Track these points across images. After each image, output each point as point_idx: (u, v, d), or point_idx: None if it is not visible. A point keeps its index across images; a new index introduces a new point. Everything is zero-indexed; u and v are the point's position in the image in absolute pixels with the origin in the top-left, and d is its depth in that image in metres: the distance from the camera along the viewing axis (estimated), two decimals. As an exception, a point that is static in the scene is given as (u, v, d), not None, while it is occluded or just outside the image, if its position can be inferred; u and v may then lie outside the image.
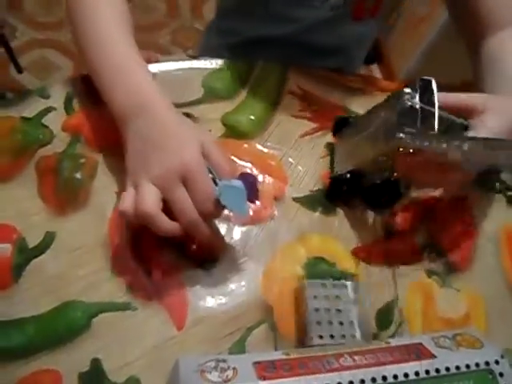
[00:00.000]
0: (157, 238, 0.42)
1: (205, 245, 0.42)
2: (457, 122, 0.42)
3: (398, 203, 0.46)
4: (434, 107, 0.39)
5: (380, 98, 0.44)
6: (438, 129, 0.38)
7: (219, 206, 0.38)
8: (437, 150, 0.37)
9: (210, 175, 0.38)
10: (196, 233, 0.38)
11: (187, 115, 0.52)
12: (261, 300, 0.42)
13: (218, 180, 0.38)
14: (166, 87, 0.52)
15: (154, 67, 0.55)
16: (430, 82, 0.39)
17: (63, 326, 0.38)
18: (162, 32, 1.79)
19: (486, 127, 0.41)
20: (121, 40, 0.43)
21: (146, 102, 0.40)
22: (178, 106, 0.51)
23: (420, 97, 0.39)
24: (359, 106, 0.57)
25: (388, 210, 0.51)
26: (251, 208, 0.46)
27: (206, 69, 0.56)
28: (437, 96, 0.39)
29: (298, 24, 0.64)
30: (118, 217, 0.43)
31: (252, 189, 0.40)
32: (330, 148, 0.53)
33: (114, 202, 0.44)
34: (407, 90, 0.39)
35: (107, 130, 0.48)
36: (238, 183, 0.38)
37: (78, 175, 0.45)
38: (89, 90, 0.50)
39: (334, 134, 0.53)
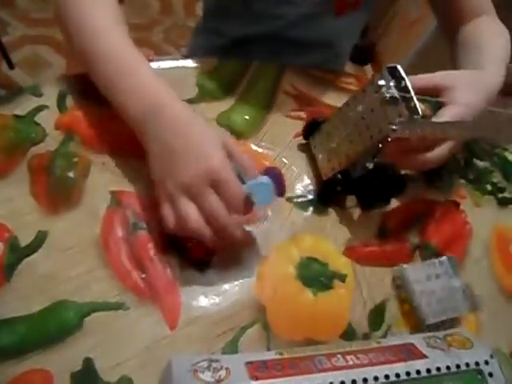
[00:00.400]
0: (150, 237, 0.42)
1: (230, 245, 0.42)
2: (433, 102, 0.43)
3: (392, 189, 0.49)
4: (410, 93, 0.40)
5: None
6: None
7: (249, 205, 0.39)
8: (426, 133, 0.39)
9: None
10: (229, 236, 0.38)
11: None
12: (254, 300, 0.42)
13: (244, 178, 0.38)
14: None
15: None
16: (397, 68, 0.40)
17: (55, 326, 0.37)
18: (155, 30, 1.79)
19: (458, 103, 0.43)
20: (119, 39, 0.43)
21: (160, 104, 0.40)
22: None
23: (395, 85, 0.40)
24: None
25: (383, 204, 0.52)
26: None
27: (200, 68, 0.56)
28: (408, 81, 0.40)
29: (281, 21, 0.65)
30: (111, 216, 0.43)
31: (279, 182, 0.42)
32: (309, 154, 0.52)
33: (107, 201, 0.43)
34: (381, 83, 0.39)
35: (101, 129, 0.48)
36: (266, 179, 0.39)
37: (71, 174, 0.44)
38: (82, 88, 0.50)
39: (306, 139, 0.52)
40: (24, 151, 0.45)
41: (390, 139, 0.40)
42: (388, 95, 0.39)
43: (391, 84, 0.40)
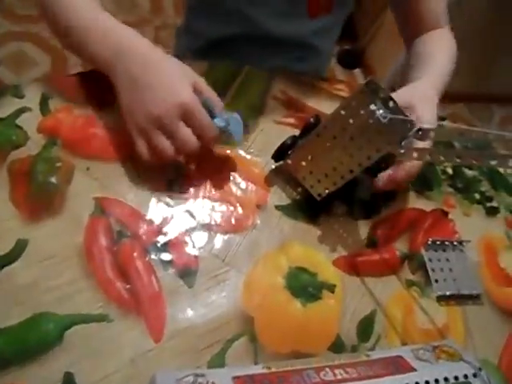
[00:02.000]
0: (135, 246, 0.41)
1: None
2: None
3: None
4: (400, 112, 0.39)
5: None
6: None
7: (220, 135, 0.44)
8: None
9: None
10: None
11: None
12: (241, 311, 0.41)
13: (216, 113, 0.43)
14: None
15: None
16: (377, 85, 0.39)
17: (34, 339, 0.36)
18: (145, 29, 1.76)
19: (422, 121, 0.44)
20: (91, 7, 0.45)
21: (127, 43, 0.42)
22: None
23: (385, 107, 0.39)
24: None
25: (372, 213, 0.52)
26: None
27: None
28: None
29: (255, 21, 0.64)
30: (94, 224, 0.41)
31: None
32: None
33: (90, 208, 0.42)
34: (373, 107, 0.39)
35: (85, 133, 0.47)
36: (236, 114, 0.45)
37: (53, 180, 0.43)
38: (66, 91, 0.49)
39: (278, 161, 0.50)
40: (4, 155, 0.43)
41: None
42: (384, 120, 0.38)
43: (378, 103, 0.39)
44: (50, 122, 0.46)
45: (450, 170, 0.60)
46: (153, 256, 0.41)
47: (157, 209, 0.44)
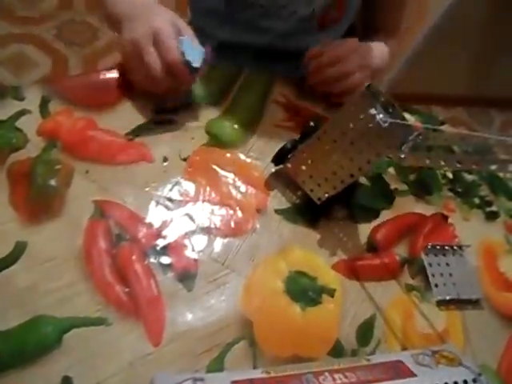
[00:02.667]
0: (135, 250, 0.41)
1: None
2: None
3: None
4: (400, 116, 0.40)
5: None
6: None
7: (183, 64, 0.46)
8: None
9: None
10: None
11: (169, 121, 0.51)
12: (240, 315, 0.41)
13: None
14: (148, 92, 0.51)
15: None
16: (377, 89, 0.39)
17: (33, 342, 0.36)
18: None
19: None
20: None
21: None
22: (159, 111, 0.51)
23: (385, 112, 0.39)
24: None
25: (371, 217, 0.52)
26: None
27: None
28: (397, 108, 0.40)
29: (267, 33, 0.65)
30: (93, 227, 0.41)
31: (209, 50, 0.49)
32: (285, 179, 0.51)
33: (90, 211, 0.42)
34: (373, 112, 0.39)
35: (85, 136, 0.47)
36: (188, 39, 0.48)
37: (53, 182, 0.43)
38: (66, 94, 0.49)
39: (278, 164, 0.50)
40: (3, 157, 0.43)
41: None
42: (385, 125, 0.38)
43: (378, 108, 0.39)
44: (50, 124, 0.46)
45: (450, 175, 0.60)
46: (152, 259, 0.41)
47: (156, 212, 0.44)
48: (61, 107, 0.48)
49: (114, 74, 0.52)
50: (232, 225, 0.46)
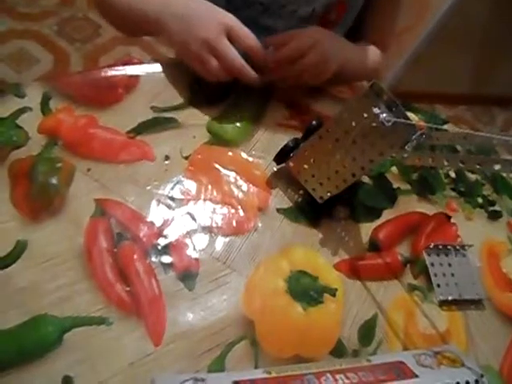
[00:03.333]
0: (136, 249, 0.41)
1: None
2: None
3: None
4: (404, 115, 0.39)
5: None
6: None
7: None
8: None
9: None
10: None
11: (170, 120, 0.50)
12: (242, 314, 0.41)
13: None
14: (150, 90, 0.51)
15: (138, 69, 0.53)
16: (381, 88, 0.39)
17: (33, 342, 0.36)
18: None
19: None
20: None
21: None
22: (161, 110, 0.50)
23: (388, 111, 0.39)
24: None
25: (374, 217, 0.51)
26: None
27: (192, 72, 0.55)
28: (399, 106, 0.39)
29: (268, 32, 0.65)
30: (94, 226, 0.41)
31: None
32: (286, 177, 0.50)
33: (91, 210, 0.42)
34: (377, 111, 0.39)
35: (86, 134, 0.46)
36: None
37: (54, 180, 0.42)
38: (67, 91, 0.48)
39: (279, 163, 0.50)
40: (4, 155, 0.43)
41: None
42: (389, 123, 0.38)
43: (382, 107, 0.39)
44: (51, 122, 0.46)
45: (452, 174, 0.60)
46: (153, 258, 0.41)
47: (158, 211, 0.44)
48: (62, 104, 0.47)
49: (115, 72, 0.52)
50: (234, 224, 0.45)
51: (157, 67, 0.55)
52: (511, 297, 0.52)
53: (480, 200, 0.59)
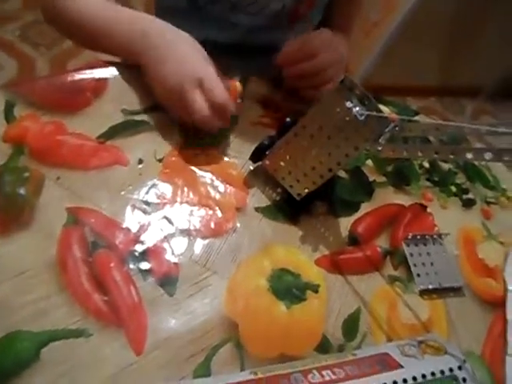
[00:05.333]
0: (112, 256, 0.40)
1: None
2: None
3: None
4: (377, 109, 0.39)
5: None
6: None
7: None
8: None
9: None
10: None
11: (142, 123, 0.49)
12: (225, 317, 0.40)
13: None
14: (120, 93, 0.50)
15: (106, 71, 0.52)
16: (353, 82, 0.39)
17: (9, 359, 0.34)
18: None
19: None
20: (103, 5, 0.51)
21: (152, 27, 0.49)
22: (132, 113, 0.49)
23: (361, 104, 0.39)
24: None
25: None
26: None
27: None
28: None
29: (236, 29, 0.64)
30: (67, 235, 0.40)
31: None
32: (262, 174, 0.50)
33: (63, 219, 0.40)
34: (349, 105, 0.39)
35: (54, 141, 0.45)
36: None
37: (22, 191, 0.41)
38: (32, 97, 0.47)
39: (256, 161, 0.49)
40: (-32, 167, 0.41)
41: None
42: (362, 117, 0.38)
43: (354, 101, 0.39)
44: (16, 130, 0.44)
45: (426, 164, 0.61)
46: (131, 265, 0.40)
47: (133, 216, 0.43)
48: (27, 111, 0.46)
49: (82, 75, 0.51)
50: (212, 225, 0.45)
51: (126, 69, 0.53)
52: (488, 282, 0.53)
53: (454, 189, 0.60)
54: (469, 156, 0.36)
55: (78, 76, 0.50)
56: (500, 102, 2.22)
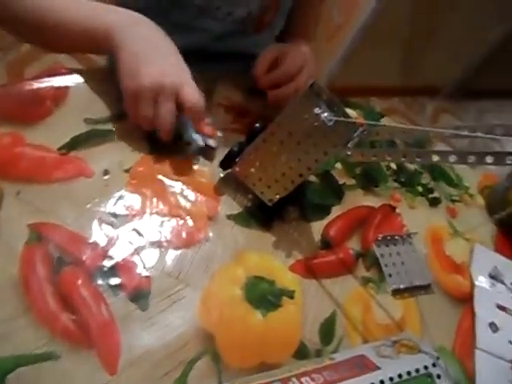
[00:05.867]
0: (79, 273, 0.38)
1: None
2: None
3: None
4: (344, 114, 0.40)
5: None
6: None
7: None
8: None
9: None
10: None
11: (107, 132, 0.48)
12: (200, 329, 0.39)
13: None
14: (81, 101, 0.48)
15: (66, 79, 0.50)
16: (321, 88, 0.39)
17: (-30, 390, 0.32)
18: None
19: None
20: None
21: (132, 19, 0.48)
22: (96, 122, 0.48)
23: (329, 110, 0.39)
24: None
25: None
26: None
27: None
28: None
29: (203, 35, 0.64)
30: (30, 253, 0.38)
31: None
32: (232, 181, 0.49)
33: (24, 236, 0.38)
34: (317, 111, 0.39)
35: (13, 154, 0.42)
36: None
37: (-21, 208, 0.38)
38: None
39: (225, 168, 0.49)
40: None
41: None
42: (330, 123, 0.38)
43: (322, 106, 0.39)
44: (-29, 143, 0.42)
45: (393, 166, 0.62)
46: (100, 281, 0.38)
47: (100, 230, 0.41)
48: (-18, 124, 0.43)
49: (41, 84, 0.48)
50: (183, 235, 0.44)
51: (87, 76, 0.51)
52: (456, 278, 0.55)
53: (420, 189, 0.61)
54: (435, 159, 0.37)
55: (37, 84, 0.48)
56: (458, 100, 2.32)
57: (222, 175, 0.49)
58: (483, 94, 2.40)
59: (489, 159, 0.33)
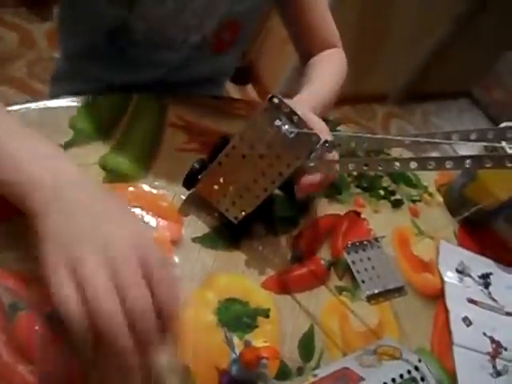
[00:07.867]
0: (36, 318, 0.35)
1: None
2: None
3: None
4: (305, 125, 0.39)
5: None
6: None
7: None
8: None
9: None
10: None
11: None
12: (175, 362, 0.37)
13: None
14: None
15: (12, 109, 0.47)
16: (280, 100, 0.39)
17: None
18: (16, 64, 1.61)
19: None
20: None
21: (67, 169, 0.33)
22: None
23: (290, 122, 0.39)
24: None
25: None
26: None
27: (72, 108, 0.50)
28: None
29: (162, 68, 0.62)
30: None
31: None
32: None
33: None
34: (278, 123, 0.39)
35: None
36: None
37: None
38: None
39: (189, 188, 0.47)
40: None
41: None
42: (291, 135, 0.38)
43: (283, 119, 0.39)
44: None
45: (354, 172, 0.63)
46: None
47: (56, 268, 0.38)
48: None
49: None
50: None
51: (32, 107, 0.48)
52: (427, 277, 0.55)
53: (382, 192, 0.62)
54: (396, 167, 0.37)
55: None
56: (405, 104, 2.42)
57: (183, 197, 0.47)
58: (427, 97, 2.52)
59: (448, 164, 0.34)
